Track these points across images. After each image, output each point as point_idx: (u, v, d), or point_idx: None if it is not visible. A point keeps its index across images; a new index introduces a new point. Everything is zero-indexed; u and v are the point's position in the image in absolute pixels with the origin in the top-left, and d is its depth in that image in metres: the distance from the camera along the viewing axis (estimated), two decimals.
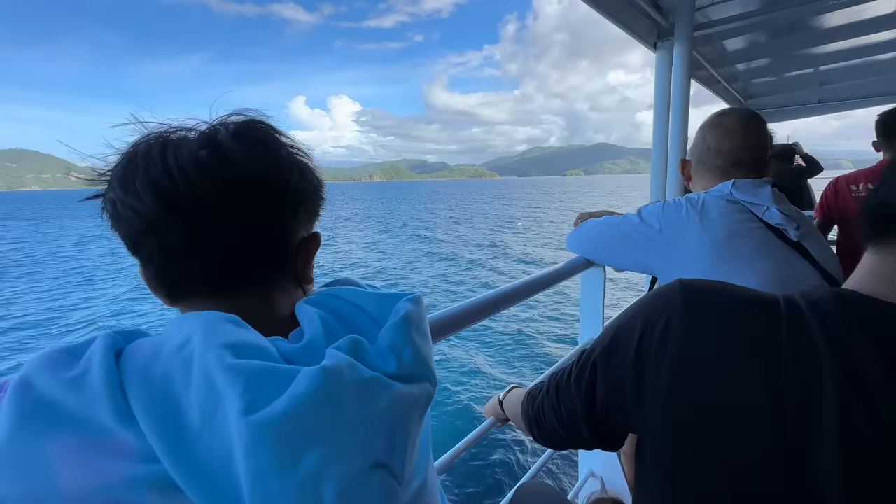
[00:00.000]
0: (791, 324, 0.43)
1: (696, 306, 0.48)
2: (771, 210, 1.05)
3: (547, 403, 0.67)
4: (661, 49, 1.94)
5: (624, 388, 0.52)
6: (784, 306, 0.45)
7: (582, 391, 0.58)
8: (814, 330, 0.42)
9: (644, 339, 0.50)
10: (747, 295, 0.48)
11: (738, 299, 0.48)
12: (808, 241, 1.04)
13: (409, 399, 0.41)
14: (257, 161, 0.44)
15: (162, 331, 0.40)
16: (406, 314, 0.45)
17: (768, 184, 1.10)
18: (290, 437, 0.33)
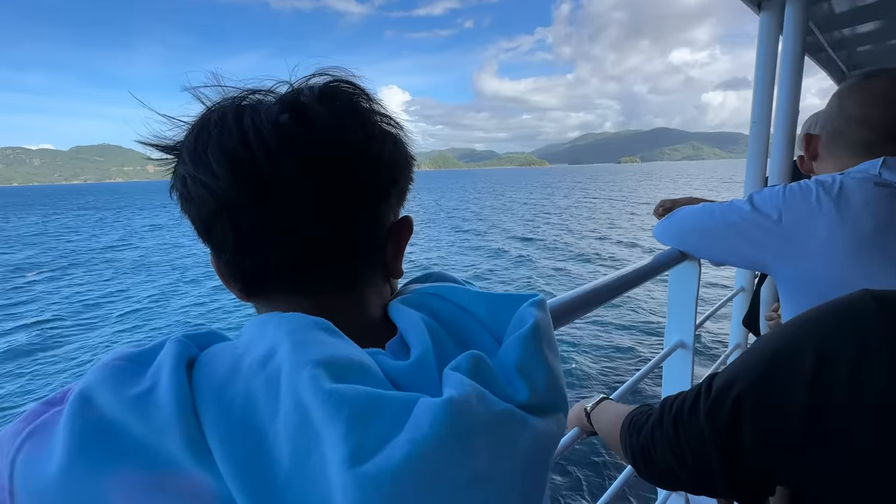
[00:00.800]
0: None
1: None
2: None
3: (660, 437, 0.55)
4: (767, 10, 1.66)
5: (789, 440, 0.40)
6: None
7: (721, 434, 0.46)
8: None
9: (820, 378, 0.39)
10: None
11: None
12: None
13: (548, 437, 0.31)
14: (347, 128, 0.35)
15: (239, 334, 0.33)
16: (535, 324, 0.35)
17: None
18: (412, 496, 0.24)
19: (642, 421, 0.61)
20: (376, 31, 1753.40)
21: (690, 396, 0.51)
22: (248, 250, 0.36)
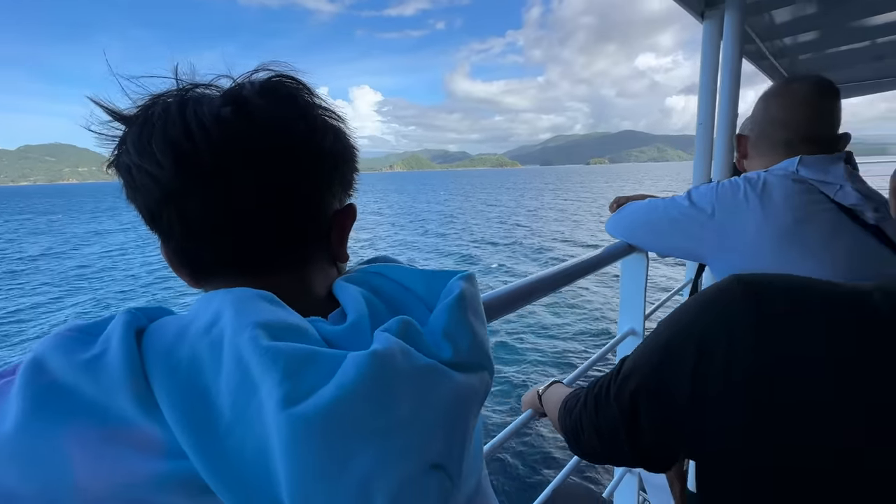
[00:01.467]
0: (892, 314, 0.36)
1: (765, 309, 0.41)
2: (845, 189, 0.94)
3: (585, 418, 0.60)
4: (710, 19, 1.79)
5: (679, 420, 0.45)
6: (878, 296, 0.38)
7: (626, 415, 0.52)
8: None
9: (700, 367, 0.43)
10: (825, 288, 0.41)
11: (814, 293, 0.40)
12: (889, 223, 0.93)
13: (469, 391, 0.35)
14: (287, 121, 0.38)
15: (188, 309, 0.36)
16: (461, 293, 0.39)
17: (842, 160, 0.98)
18: (338, 434, 0.27)
19: (573, 403, 0.66)
20: (347, 30, 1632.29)
21: (606, 380, 0.56)
22: (195, 237, 0.38)
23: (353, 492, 0.28)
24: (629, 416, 0.51)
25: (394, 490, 0.29)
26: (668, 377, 0.47)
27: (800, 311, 0.40)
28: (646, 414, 0.50)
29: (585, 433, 0.60)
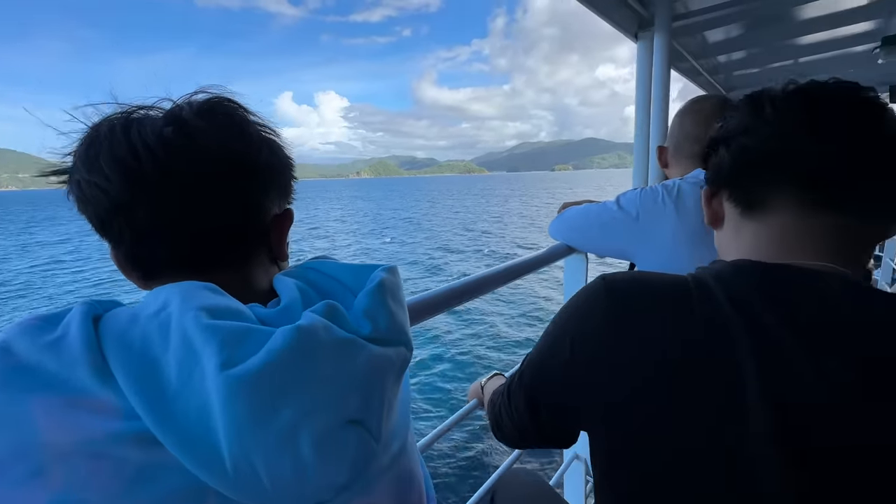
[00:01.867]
0: (700, 296, 0.46)
1: (619, 303, 0.49)
2: None
3: (504, 408, 0.67)
4: (642, 39, 1.97)
5: (564, 404, 0.53)
6: (693, 283, 0.48)
7: (528, 404, 0.59)
8: (719, 297, 0.45)
9: (574, 355, 0.51)
10: (662, 280, 0.50)
11: (653, 286, 0.49)
12: None
13: (385, 360, 0.42)
14: (224, 138, 0.44)
15: (140, 301, 0.41)
16: (381, 281, 0.46)
17: None
18: (267, 391, 0.34)
19: (495, 397, 0.73)
20: (311, 35, 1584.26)
21: (517, 372, 0.64)
22: (143, 242, 0.43)
23: (281, 437, 0.34)
24: (530, 404, 0.59)
25: (316, 437, 0.35)
26: (551, 368, 0.54)
27: (642, 296, 0.49)
28: (542, 402, 0.57)
29: (504, 421, 0.68)
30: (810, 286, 0.45)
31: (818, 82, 0.52)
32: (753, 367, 0.41)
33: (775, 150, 0.50)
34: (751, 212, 0.54)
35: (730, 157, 0.54)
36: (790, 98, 0.51)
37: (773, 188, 0.51)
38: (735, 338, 0.43)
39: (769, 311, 0.43)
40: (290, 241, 0.54)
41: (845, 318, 0.43)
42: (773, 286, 0.45)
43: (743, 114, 0.53)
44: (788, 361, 0.41)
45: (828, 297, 0.44)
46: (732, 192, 0.56)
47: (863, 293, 0.44)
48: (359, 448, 0.39)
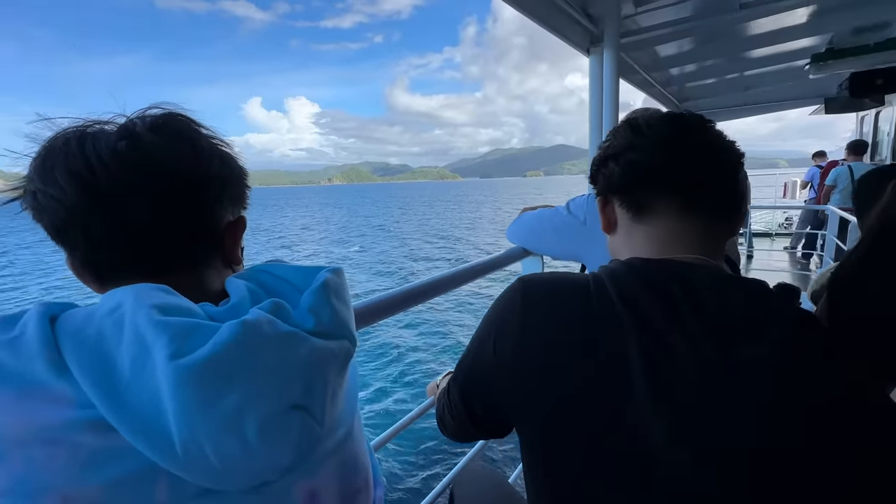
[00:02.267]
0: (597, 294, 0.53)
1: (530, 301, 0.56)
2: None
3: (445, 406, 0.72)
4: (594, 54, 2.09)
5: (493, 396, 0.59)
6: (592, 281, 0.55)
7: (464, 399, 0.65)
8: (613, 296, 0.52)
9: (497, 349, 0.56)
10: (567, 279, 0.57)
11: (560, 285, 0.56)
12: None
13: (327, 352, 0.46)
14: (176, 151, 0.47)
15: (95, 302, 0.44)
16: (325, 281, 0.50)
17: None
18: (213, 379, 0.38)
19: (441, 394, 0.78)
20: (281, 40, 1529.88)
21: (454, 373, 0.69)
22: (98, 249, 0.46)
23: (227, 420, 0.38)
24: (465, 401, 0.64)
25: (260, 420, 0.39)
26: (479, 367, 0.60)
27: (551, 296, 0.55)
28: (475, 400, 0.62)
29: (447, 417, 0.73)
30: (686, 278, 0.53)
31: (673, 112, 0.64)
32: (641, 363, 0.48)
33: (658, 164, 0.60)
34: (640, 216, 0.62)
35: (620, 170, 0.63)
36: (661, 123, 0.62)
37: (657, 195, 0.60)
38: (627, 335, 0.49)
39: (654, 306, 0.50)
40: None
41: (712, 307, 0.50)
42: (657, 281, 0.53)
43: (626, 134, 0.63)
44: (672, 353, 0.48)
45: (699, 287, 0.52)
46: (624, 199, 0.64)
47: (725, 282, 0.53)
48: (302, 431, 0.43)
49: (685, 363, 0.47)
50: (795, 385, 0.46)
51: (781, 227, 8.72)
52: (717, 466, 0.45)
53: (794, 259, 5.82)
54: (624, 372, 0.48)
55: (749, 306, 0.51)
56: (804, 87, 4.60)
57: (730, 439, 0.45)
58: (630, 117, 0.65)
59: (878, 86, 3.55)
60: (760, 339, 0.48)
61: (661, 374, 0.47)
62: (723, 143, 0.61)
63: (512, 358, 0.55)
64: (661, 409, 0.46)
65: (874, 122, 6.37)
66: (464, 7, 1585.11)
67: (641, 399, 0.47)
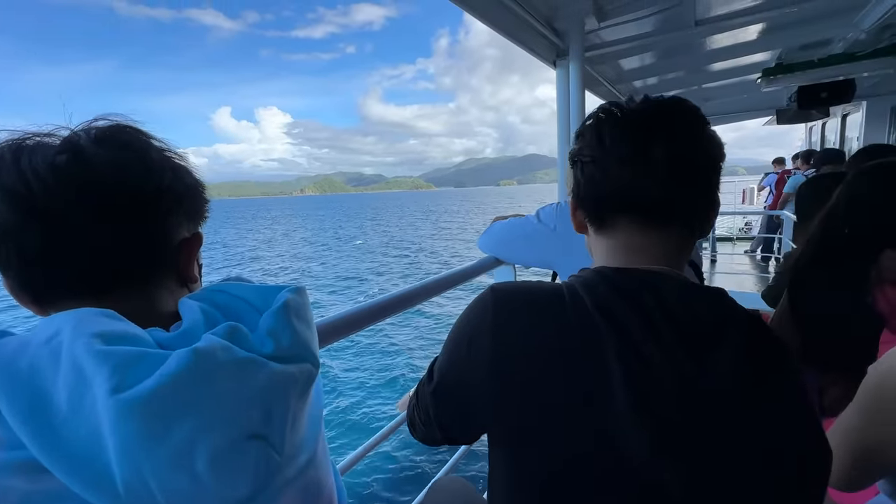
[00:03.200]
0: (573, 305, 0.54)
1: (503, 310, 0.55)
2: None
3: (415, 409, 0.71)
4: (560, 67, 2.15)
5: (464, 400, 0.58)
6: (567, 292, 0.55)
7: (434, 404, 0.63)
8: (588, 305, 0.53)
9: (472, 350, 0.56)
10: (541, 288, 0.57)
11: (534, 294, 0.56)
12: None
13: (286, 377, 0.44)
14: (123, 164, 0.45)
15: (31, 329, 0.41)
16: (285, 302, 0.48)
17: None
18: (159, 412, 0.35)
19: (413, 398, 0.76)
20: (250, 50, 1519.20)
21: (425, 377, 0.67)
22: (33, 269, 0.43)
23: (174, 455, 0.35)
24: (435, 404, 0.62)
25: (212, 453, 0.37)
26: (452, 370, 0.59)
27: (525, 305, 0.55)
28: (445, 406, 0.61)
29: (416, 421, 0.71)
30: (656, 287, 0.54)
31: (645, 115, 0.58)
32: (620, 372, 0.48)
33: (617, 185, 0.59)
34: (602, 230, 0.63)
35: (584, 184, 0.62)
36: (622, 136, 0.58)
37: (618, 213, 0.61)
38: (605, 344, 0.50)
39: (630, 315, 0.51)
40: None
41: (682, 317, 0.52)
42: (629, 290, 0.54)
43: (592, 142, 0.60)
44: (649, 363, 0.49)
45: (668, 297, 0.53)
46: (587, 214, 0.65)
47: (690, 291, 0.55)
48: (259, 461, 0.41)
49: (662, 373, 0.49)
50: (759, 389, 0.50)
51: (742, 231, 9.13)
52: (692, 475, 0.47)
53: (755, 262, 6.09)
54: (603, 380, 0.49)
55: (711, 313, 0.53)
56: (758, 99, 4.87)
57: (708, 449, 0.47)
58: (602, 112, 0.62)
59: (822, 98, 3.79)
60: (723, 345, 0.51)
61: (640, 385, 0.48)
62: (693, 154, 0.58)
63: (487, 364, 0.54)
64: (641, 419, 0.47)
65: (821, 132, 6.79)
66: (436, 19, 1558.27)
67: (621, 409, 0.47)
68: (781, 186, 6.29)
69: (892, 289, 0.91)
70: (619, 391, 0.48)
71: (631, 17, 2.08)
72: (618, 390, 0.48)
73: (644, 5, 1.93)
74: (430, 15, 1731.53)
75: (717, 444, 0.48)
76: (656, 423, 0.47)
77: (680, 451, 0.47)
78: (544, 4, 1.87)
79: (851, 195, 1.03)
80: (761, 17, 2.23)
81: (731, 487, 0.47)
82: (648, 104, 0.60)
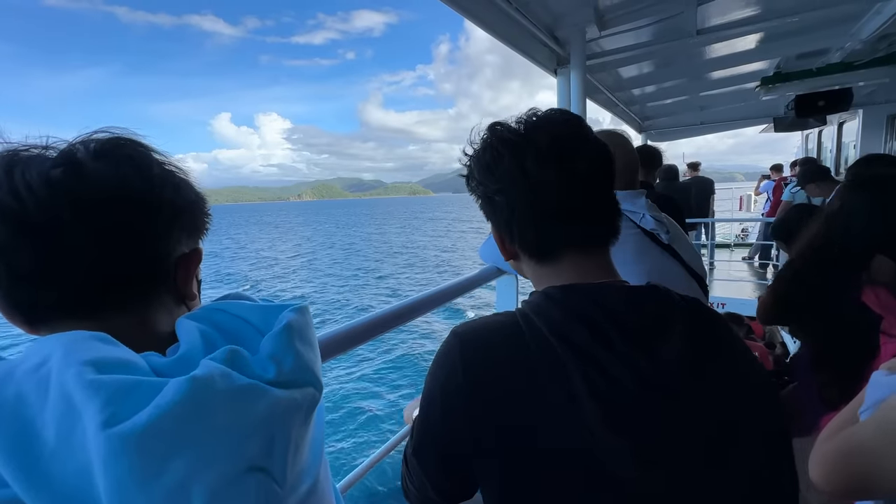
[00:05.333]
0: (530, 334, 0.55)
1: (470, 353, 0.56)
2: (645, 217, 1.20)
3: (405, 475, 0.68)
4: (561, 75, 2.15)
5: (451, 452, 0.57)
6: (522, 322, 0.56)
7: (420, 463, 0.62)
8: (544, 331, 0.54)
9: (445, 402, 0.56)
10: (499, 322, 0.58)
11: (494, 331, 0.57)
12: (677, 243, 1.20)
13: (289, 403, 0.42)
14: (123, 179, 0.43)
15: (19, 354, 0.38)
16: (288, 323, 0.46)
17: (643, 195, 1.26)
18: (154, 448, 0.33)
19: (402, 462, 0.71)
20: (251, 56, 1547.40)
21: (408, 440, 0.66)
22: (24, 286, 0.41)
23: (169, 493, 0.33)
24: (424, 464, 0.61)
25: (211, 488, 0.35)
26: (432, 423, 0.58)
27: (488, 348, 0.56)
28: (430, 457, 0.60)
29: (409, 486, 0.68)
30: (602, 300, 0.56)
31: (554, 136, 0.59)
32: (585, 391, 0.50)
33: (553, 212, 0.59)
34: (544, 262, 0.63)
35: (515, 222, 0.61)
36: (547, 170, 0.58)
37: (561, 247, 0.61)
38: (567, 367, 0.52)
39: (583, 334, 0.53)
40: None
41: (631, 322, 0.55)
42: (577, 308, 0.55)
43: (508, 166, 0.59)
44: (605, 368, 0.51)
45: (616, 307, 0.55)
46: (524, 250, 0.64)
47: (636, 295, 0.58)
48: (259, 495, 0.38)
49: (620, 375, 0.51)
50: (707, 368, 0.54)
51: (738, 237, 9.16)
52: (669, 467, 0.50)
53: (753, 269, 6.10)
54: (573, 401, 0.50)
55: (654, 310, 0.57)
56: (755, 107, 4.90)
57: (673, 435, 0.50)
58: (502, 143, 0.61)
59: (820, 107, 3.82)
60: (669, 336, 0.54)
61: (605, 395, 0.50)
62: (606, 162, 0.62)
63: (463, 412, 0.54)
64: (615, 429, 0.49)
65: (818, 140, 6.84)
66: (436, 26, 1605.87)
67: (595, 424, 0.49)
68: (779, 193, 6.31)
69: (884, 290, 1.01)
70: (588, 408, 0.49)
71: (632, 27, 2.09)
72: (588, 407, 0.50)
73: (645, 14, 1.93)
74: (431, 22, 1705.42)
75: (676, 432, 0.50)
76: (629, 428, 0.49)
77: (654, 448, 0.49)
78: (546, 14, 1.88)
79: (846, 205, 1.13)
80: (760, 26, 2.24)
81: (702, 468, 0.50)
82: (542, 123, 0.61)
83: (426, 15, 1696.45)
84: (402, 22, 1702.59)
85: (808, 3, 2.09)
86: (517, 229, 0.62)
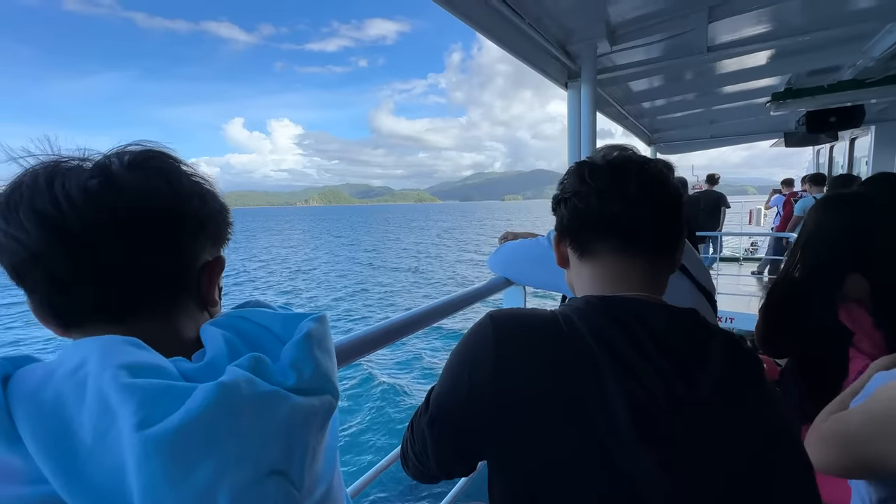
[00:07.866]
0: (569, 332, 0.56)
1: (504, 337, 0.57)
2: None
3: (408, 442, 0.69)
4: (572, 89, 2.18)
5: (464, 427, 0.58)
6: (561, 320, 0.58)
7: (430, 437, 0.62)
8: (583, 331, 0.56)
9: (473, 376, 0.57)
10: (537, 316, 0.60)
11: (531, 321, 0.59)
12: (686, 257, 1.20)
13: (308, 410, 0.44)
14: (154, 190, 0.45)
15: (55, 356, 0.40)
16: (308, 332, 0.48)
17: None
18: (184, 450, 0.34)
19: (407, 427, 0.73)
20: (265, 62, 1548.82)
21: (421, 408, 0.66)
22: (60, 293, 0.43)
23: (198, 494, 0.34)
24: (434, 432, 0.61)
25: (235, 490, 0.36)
26: (454, 392, 0.59)
27: (522, 332, 0.57)
28: (444, 427, 0.60)
29: (409, 454, 0.68)
30: (641, 314, 0.58)
31: (623, 155, 0.68)
32: (619, 396, 0.51)
33: (595, 213, 0.65)
34: (584, 257, 0.68)
35: (568, 214, 0.68)
36: (602, 173, 0.66)
37: (597, 239, 0.66)
38: (601, 367, 0.53)
39: (624, 342, 0.55)
40: None
41: (669, 341, 0.56)
42: (619, 317, 0.57)
43: (574, 180, 0.68)
44: (639, 377, 0.52)
45: (655, 323, 0.57)
46: (571, 241, 0.70)
47: (673, 315, 0.60)
48: (278, 498, 0.40)
49: (658, 394, 0.52)
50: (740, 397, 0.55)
51: (747, 252, 9.07)
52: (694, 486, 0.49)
53: (762, 283, 6.04)
54: (603, 404, 0.51)
55: (692, 335, 0.58)
56: (766, 122, 4.89)
57: (705, 459, 0.50)
58: (585, 160, 0.71)
59: (831, 123, 3.81)
60: (707, 363, 0.55)
61: (640, 406, 0.51)
62: (660, 188, 0.65)
63: (489, 390, 0.55)
64: (644, 439, 0.49)
65: (829, 155, 6.79)
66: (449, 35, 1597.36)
67: (623, 429, 0.49)
68: (789, 208, 6.26)
69: (857, 307, 1.05)
70: (619, 413, 0.50)
71: (643, 42, 2.11)
72: (618, 412, 0.50)
73: (657, 31, 1.95)
74: (443, 31, 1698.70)
75: (711, 453, 0.51)
76: (658, 441, 0.50)
77: (682, 465, 0.50)
78: (559, 29, 1.91)
79: (820, 226, 1.19)
80: (771, 44, 2.25)
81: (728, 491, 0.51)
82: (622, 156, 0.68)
83: (439, 24, 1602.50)
84: (414, 31, 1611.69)
85: (820, 21, 2.10)
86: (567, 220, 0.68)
